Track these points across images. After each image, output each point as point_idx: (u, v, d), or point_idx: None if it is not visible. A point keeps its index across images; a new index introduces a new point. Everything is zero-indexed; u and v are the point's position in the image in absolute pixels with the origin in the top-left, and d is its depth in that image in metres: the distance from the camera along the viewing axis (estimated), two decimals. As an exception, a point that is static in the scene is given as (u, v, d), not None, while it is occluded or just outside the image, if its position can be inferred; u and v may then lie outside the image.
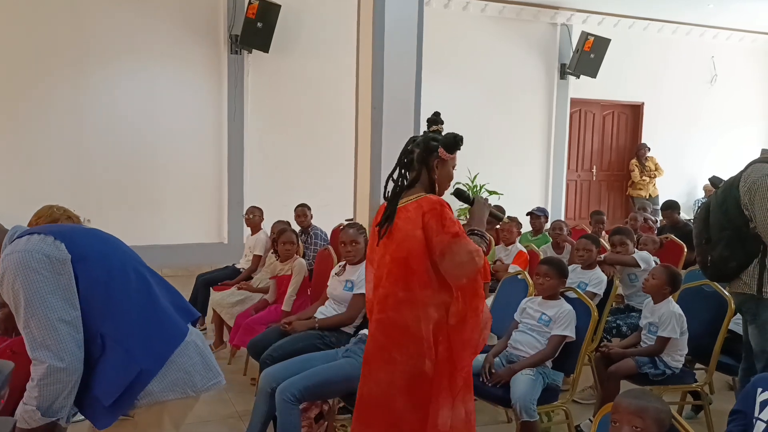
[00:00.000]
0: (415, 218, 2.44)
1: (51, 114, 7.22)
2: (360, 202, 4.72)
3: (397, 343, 2.46)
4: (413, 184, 2.55)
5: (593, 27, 9.75)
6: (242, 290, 4.89)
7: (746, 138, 10.99)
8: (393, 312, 2.47)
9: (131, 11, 7.43)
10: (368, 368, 2.55)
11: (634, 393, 2.06)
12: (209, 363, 2.08)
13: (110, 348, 1.89)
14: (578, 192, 10.61)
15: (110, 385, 1.88)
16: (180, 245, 7.72)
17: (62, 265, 1.85)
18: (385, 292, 2.51)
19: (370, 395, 2.53)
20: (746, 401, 2.20)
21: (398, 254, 2.47)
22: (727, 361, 3.65)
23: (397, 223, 2.50)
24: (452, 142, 2.54)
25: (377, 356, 2.52)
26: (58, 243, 1.87)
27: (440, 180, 2.58)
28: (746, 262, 3.09)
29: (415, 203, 2.48)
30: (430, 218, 2.40)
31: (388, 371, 2.48)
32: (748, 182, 3.05)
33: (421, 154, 2.55)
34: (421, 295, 2.43)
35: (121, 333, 1.91)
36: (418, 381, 2.44)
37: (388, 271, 2.50)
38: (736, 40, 10.93)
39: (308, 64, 8.18)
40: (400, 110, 4.43)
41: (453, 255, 2.37)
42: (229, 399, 4.06)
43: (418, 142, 2.59)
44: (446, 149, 2.54)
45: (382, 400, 2.49)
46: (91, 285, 1.89)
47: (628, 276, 4.59)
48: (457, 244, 2.37)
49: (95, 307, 1.90)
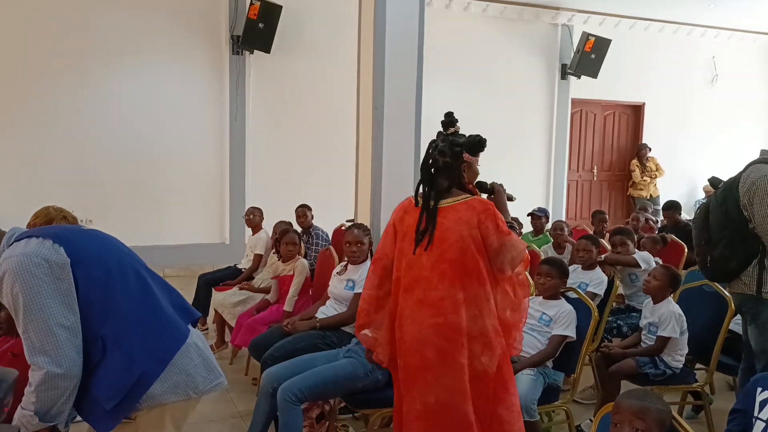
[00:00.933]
0: (469, 219, 2.51)
1: (53, 114, 7.23)
2: (361, 202, 4.72)
3: (462, 345, 2.47)
4: (450, 188, 2.60)
5: (594, 27, 9.75)
6: (244, 290, 4.90)
7: (746, 138, 10.99)
8: (452, 315, 2.48)
9: (133, 12, 7.44)
10: (432, 375, 2.49)
11: (635, 393, 2.06)
12: (210, 364, 2.08)
13: (111, 350, 1.88)
14: (579, 192, 10.61)
15: (111, 388, 1.87)
16: (182, 245, 7.73)
17: (61, 269, 1.84)
18: (439, 294, 2.50)
19: (439, 403, 2.48)
20: (746, 400, 2.22)
21: (451, 255, 2.50)
22: (728, 361, 3.66)
23: (445, 225, 2.52)
24: (476, 145, 2.62)
25: (440, 362, 2.48)
26: (57, 246, 1.85)
27: (469, 180, 2.70)
28: (746, 262, 3.10)
29: (465, 204, 2.55)
30: (485, 218, 2.51)
31: (455, 377, 2.47)
32: (747, 183, 3.06)
33: (451, 159, 2.59)
34: (481, 292, 2.51)
35: (121, 335, 1.90)
36: (481, 379, 2.50)
37: (441, 273, 2.50)
38: (737, 40, 10.93)
39: (309, 64, 8.19)
40: (401, 110, 4.43)
41: (507, 252, 2.51)
42: (231, 399, 4.07)
43: (443, 149, 2.60)
44: (471, 152, 2.62)
45: (454, 406, 2.47)
46: (91, 287, 1.88)
47: (629, 276, 4.60)
48: (511, 241, 2.53)
49: (95, 309, 1.89)
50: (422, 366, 2.50)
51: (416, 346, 2.52)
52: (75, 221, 3.09)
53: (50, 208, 3.10)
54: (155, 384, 1.92)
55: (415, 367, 2.52)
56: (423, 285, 2.52)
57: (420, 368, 2.51)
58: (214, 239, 8.06)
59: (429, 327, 2.49)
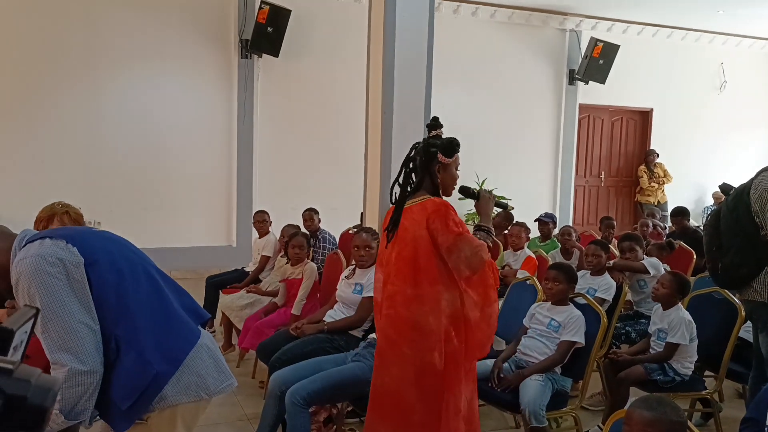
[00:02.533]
0: (420, 219, 2.60)
1: (63, 117, 7.27)
2: (369, 206, 4.71)
3: (407, 338, 2.61)
4: (418, 188, 2.70)
5: (602, 33, 9.74)
6: (251, 293, 4.90)
7: (755, 145, 10.95)
8: (402, 308, 2.63)
9: (142, 16, 7.48)
10: (381, 362, 2.70)
11: (648, 402, 1.97)
12: (221, 366, 2.09)
13: (125, 351, 1.89)
14: (586, 198, 10.59)
15: (126, 388, 1.88)
16: (189, 248, 7.75)
17: (76, 269, 1.84)
18: (394, 289, 2.66)
19: (383, 387, 2.68)
20: (758, 409, 2.20)
21: (406, 253, 2.63)
22: (737, 368, 3.65)
23: (404, 224, 2.66)
24: (449, 146, 2.67)
25: (388, 351, 2.67)
26: (71, 246, 1.85)
27: (444, 183, 2.71)
28: (757, 269, 3.08)
29: (419, 205, 2.64)
30: (434, 219, 2.56)
31: (399, 365, 2.63)
32: (758, 189, 3.05)
33: (422, 160, 2.69)
34: (431, 290, 2.58)
35: (134, 336, 1.90)
36: (428, 373, 2.58)
37: (397, 270, 2.66)
38: (745, 47, 10.90)
39: (318, 68, 8.21)
40: (410, 115, 4.43)
41: (459, 252, 2.53)
42: (239, 402, 4.07)
43: (419, 149, 2.72)
44: (444, 154, 2.66)
45: (395, 392, 2.64)
46: (103, 288, 1.89)
47: (638, 282, 4.58)
48: (462, 241, 2.53)
49: (108, 310, 1.89)
50: (378, 353, 2.75)
51: (379, 336, 2.78)
52: (79, 217, 3.05)
53: (55, 204, 3.10)
54: (168, 385, 1.92)
55: (377, 353, 2.77)
56: (389, 280, 2.70)
57: (378, 354, 2.75)
58: (222, 242, 8.08)
59: (384, 317, 2.71)
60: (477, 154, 8.30)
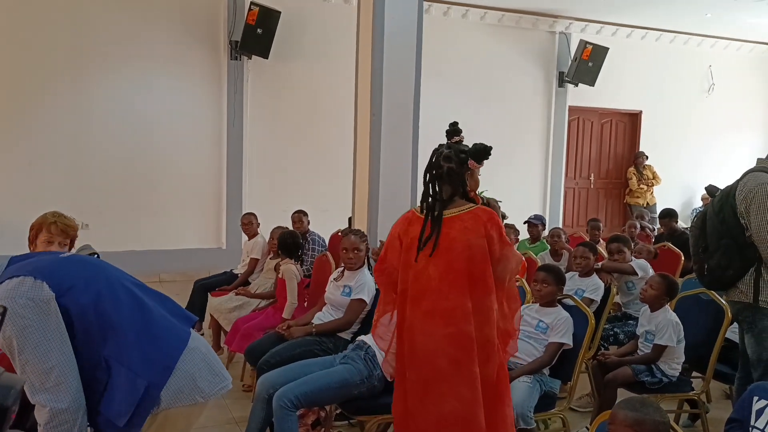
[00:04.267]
0: (475, 228, 2.51)
1: (51, 119, 7.22)
2: (359, 207, 4.72)
3: (473, 355, 2.47)
4: (453, 197, 2.61)
5: (592, 36, 9.79)
6: (240, 296, 4.88)
7: (743, 147, 11.02)
8: (464, 324, 2.48)
9: (131, 17, 7.44)
10: (447, 385, 2.48)
11: (632, 403, 2.00)
12: (214, 368, 2.09)
13: (115, 369, 1.92)
14: (576, 199, 10.63)
15: (120, 405, 1.90)
16: (178, 250, 7.71)
17: (47, 305, 1.86)
18: (451, 304, 2.49)
19: (455, 414, 2.47)
20: (742, 410, 2.21)
21: (459, 265, 2.50)
22: (724, 369, 3.66)
23: (451, 234, 2.52)
24: (482, 152, 2.62)
25: (455, 372, 2.47)
26: (39, 282, 1.87)
27: (471, 189, 2.69)
28: (743, 270, 3.09)
29: (471, 213, 2.55)
30: (491, 228, 2.51)
31: (470, 387, 2.47)
32: (744, 191, 3.06)
33: (454, 168, 2.60)
34: (488, 301, 2.52)
35: (121, 352, 1.93)
36: (490, 387, 2.52)
37: (450, 283, 2.50)
38: (733, 49, 10.98)
39: (308, 70, 8.20)
40: (399, 117, 4.44)
41: (508, 262, 2.54)
42: (227, 405, 4.05)
43: (448, 156, 2.60)
44: (476, 160, 2.62)
45: (469, 415, 2.47)
46: (83, 312, 1.91)
47: (626, 284, 4.60)
48: (511, 252, 2.58)
49: (93, 333, 1.92)
50: (436, 377, 2.50)
51: (429, 357, 2.52)
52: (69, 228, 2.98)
53: (47, 214, 3.07)
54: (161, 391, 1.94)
55: (429, 378, 2.52)
56: (431, 296, 2.52)
57: (434, 379, 2.51)
58: (211, 244, 8.05)
59: (442, 337, 2.49)
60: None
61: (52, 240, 2.71)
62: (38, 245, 2.74)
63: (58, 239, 2.75)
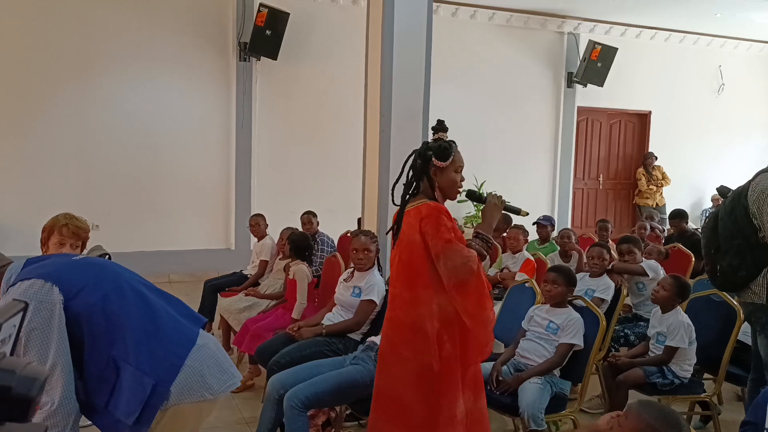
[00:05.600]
0: (414, 223, 2.61)
1: (60, 121, 7.26)
2: (368, 209, 4.72)
3: (406, 340, 2.64)
4: (416, 192, 2.70)
5: (600, 36, 9.76)
6: (250, 296, 4.89)
7: (753, 147, 10.97)
8: (400, 311, 2.67)
9: (140, 19, 7.48)
10: (383, 363, 2.73)
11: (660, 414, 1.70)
12: (223, 365, 2.11)
13: (123, 369, 1.94)
14: (585, 200, 10.59)
15: (129, 404, 1.92)
16: (187, 251, 7.74)
17: (53, 307, 1.90)
18: (394, 292, 2.72)
19: (384, 388, 2.71)
20: (757, 412, 2.19)
21: (403, 257, 2.67)
22: (736, 371, 3.64)
23: (403, 228, 2.68)
24: (441, 150, 2.65)
25: (389, 352, 2.70)
26: (49, 285, 1.91)
27: (443, 187, 2.68)
28: (755, 271, 3.07)
29: (415, 209, 2.64)
30: (426, 223, 2.56)
31: (399, 366, 2.65)
32: (756, 191, 3.04)
33: (420, 163, 2.68)
34: (423, 294, 2.60)
35: (128, 351, 1.95)
36: (427, 376, 2.58)
37: (396, 273, 2.71)
38: (743, 49, 10.92)
39: (317, 71, 8.21)
40: (409, 117, 4.44)
41: (446, 259, 2.52)
42: (236, 405, 4.06)
43: (420, 152, 2.71)
44: (438, 158, 2.64)
45: (395, 393, 2.66)
46: (91, 313, 1.95)
47: (636, 285, 4.57)
48: (450, 249, 2.51)
49: (100, 333, 1.95)
50: (380, 355, 2.79)
51: (382, 338, 2.82)
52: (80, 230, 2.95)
53: (59, 216, 3.08)
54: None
55: (379, 357, 2.81)
56: (391, 282, 2.77)
57: (379, 357, 2.79)
58: (220, 245, 8.07)
59: (386, 320, 2.76)
60: (475, 157, 8.24)
61: (64, 242, 2.72)
62: (50, 247, 2.76)
63: (69, 241, 2.77)
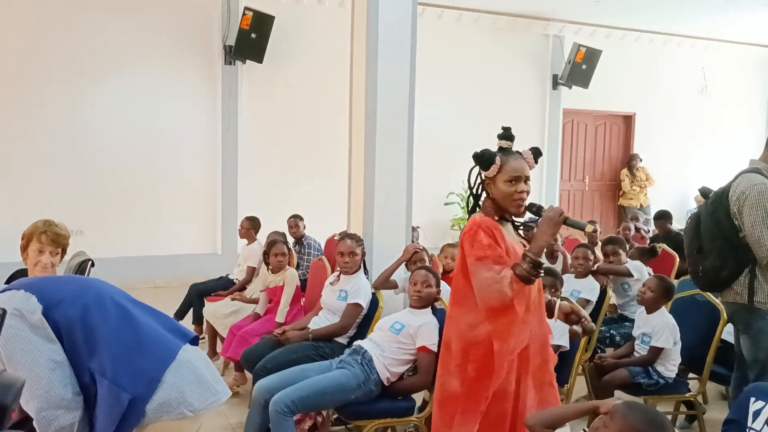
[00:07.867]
0: (461, 238, 2.52)
1: (45, 125, 7.20)
2: (354, 212, 4.71)
3: (440, 356, 2.59)
4: (476, 207, 2.58)
5: (585, 38, 9.82)
6: (236, 301, 4.87)
7: (736, 148, 11.06)
8: (445, 328, 2.61)
9: (125, 22, 7.43)
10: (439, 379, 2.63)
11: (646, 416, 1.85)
12: (205, 382, 2.07)
13: (99, 383, 1.94)
14: (571, 202, 10.64)
15: (105, 418, 1.91)
16: (174, 256, 7.69)
17: (33, 315, 1.91)
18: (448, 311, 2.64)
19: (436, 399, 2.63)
20: (739, 411, 2.21)
21: (454, 273, 2.61)
22: (720, 370, 3.67)
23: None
24: (480, 159, 2.49)
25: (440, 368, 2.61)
26: (28, 295, 1.94)
27: (498, 198, 2.49)
28: (737, 271, 3.10)
29: (467, 225, 2.52)
30: (464, 239, 2.45)
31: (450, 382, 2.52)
32: (737, 192, 3.07)
33: (475, 176, 2.57)
34: (454, 312, 2.53)
35: (107, 365, 1.94)
36: (448, 394, 2.50)
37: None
38: (726, 51, 11.03)
39: (302, 74, 8.20)
40: (394, 120, 4.43)
41: (473, 278, 2.39)
42: (223, 411, 4.03)
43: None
44: (482, 167, 2.50)
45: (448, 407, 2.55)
46: (70, 325, 1.95)
47: (621, 285, 4.60)
48: (478, 268, 2.37)
49: (79, 346, 1.95)
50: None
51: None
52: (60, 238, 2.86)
53: (38, 223, 3.03)
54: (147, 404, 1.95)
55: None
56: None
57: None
58: (206, 249, 8.03)
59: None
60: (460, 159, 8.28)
61: (43, 249, 2.68)
62: (29, 254, 2.71)
63: (49, 248, 2.72)
